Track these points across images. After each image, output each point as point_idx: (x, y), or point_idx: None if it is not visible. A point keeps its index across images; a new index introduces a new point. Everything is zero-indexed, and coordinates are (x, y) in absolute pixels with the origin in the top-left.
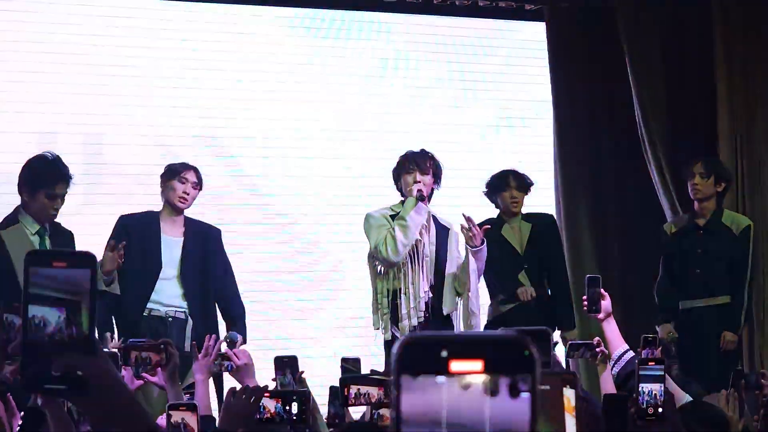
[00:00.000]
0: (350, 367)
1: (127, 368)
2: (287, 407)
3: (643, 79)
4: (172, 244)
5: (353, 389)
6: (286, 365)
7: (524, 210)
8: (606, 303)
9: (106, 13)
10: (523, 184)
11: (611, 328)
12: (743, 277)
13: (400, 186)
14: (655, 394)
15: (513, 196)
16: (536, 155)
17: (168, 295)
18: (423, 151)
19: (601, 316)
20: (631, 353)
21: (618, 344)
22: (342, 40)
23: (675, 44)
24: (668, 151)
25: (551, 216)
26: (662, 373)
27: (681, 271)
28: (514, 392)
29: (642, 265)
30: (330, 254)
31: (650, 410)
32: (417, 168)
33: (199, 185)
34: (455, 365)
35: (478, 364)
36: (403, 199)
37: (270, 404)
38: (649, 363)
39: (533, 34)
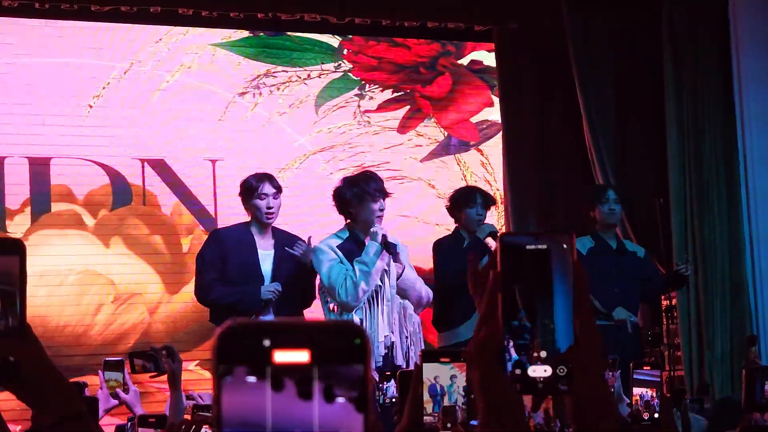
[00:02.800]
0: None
1: (101, 389)
2: None
3: (592, 98)
4: (264, 257)
5: None
6: None
7: None
8: None
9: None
10: (489, 201)
11: None
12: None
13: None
14: (650, 398)
15: (479, 213)
16: (486, 177)
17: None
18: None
19: None
20: None
21: None
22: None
23: (624, 64)
24: (618, 170)
25: None
26: (658, 378)
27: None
28: (330, 398)
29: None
30: None
31: (645, 415)
32: (382, 196)
33: (278, 191)
34: (279, 356)
35: (304, 354)
36: (347, 222)
37: None
38: (644, 367)
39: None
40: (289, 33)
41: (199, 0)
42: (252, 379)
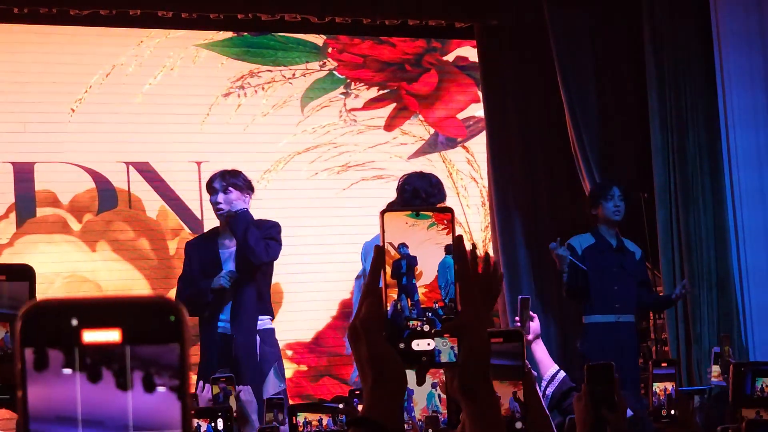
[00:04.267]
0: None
1: None
2: (213, 424)
3: (575, 94)
4: (226, 255)
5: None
6: (223, 384)
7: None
8: (535, 325)
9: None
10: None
11: (540, 349)
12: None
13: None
14: (668, 394)
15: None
16: (472, 174)
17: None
18: None
19: (530, 337)
20: (563, 373)
21: (548, 365)
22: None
23: (607, 60)
24: (602, 165)
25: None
26: (674, 372)
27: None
28: (148, 386)
29: None
30: None
31: (663, 412)
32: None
33: (229, 186)
34: (89, 335)
35: (115, 334)
36: None
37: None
38: (662, 364)
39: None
40: (272, 33)
41: (178, 2)
42: (67, 370)
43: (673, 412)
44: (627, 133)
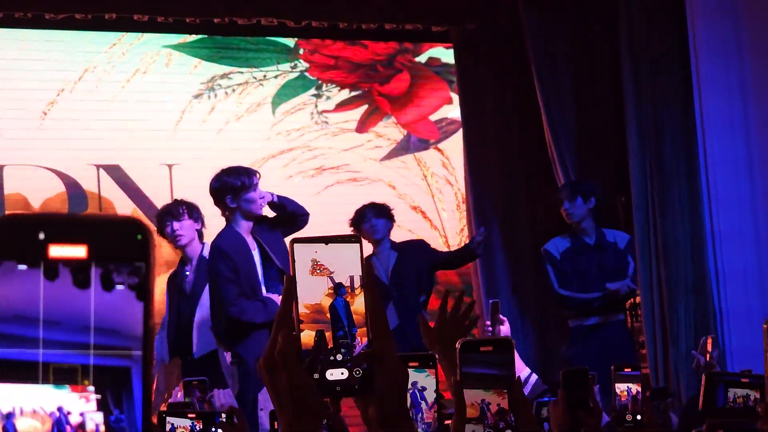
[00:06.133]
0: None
1: None
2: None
3: (552, 99)
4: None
5: None
6: (195, 388)
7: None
8: (505, 328)
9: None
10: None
11: None
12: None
13: None
14: (634, 396)
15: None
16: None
17: None
18: None
19: None
20: (535, 376)
21: (521, 368)
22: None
23: (584, 64)
24: (579, 168)
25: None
26: (639, 374)
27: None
28: (107, 285)
29: None
30: None
31: (628, 417)
32: None
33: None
34: (55, 250)
35: (81, 249)
36: None
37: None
38: (625, 369)
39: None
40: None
41: (154, 6)
42: (22, 266)
43: (638, 417)
44: (604, 137)
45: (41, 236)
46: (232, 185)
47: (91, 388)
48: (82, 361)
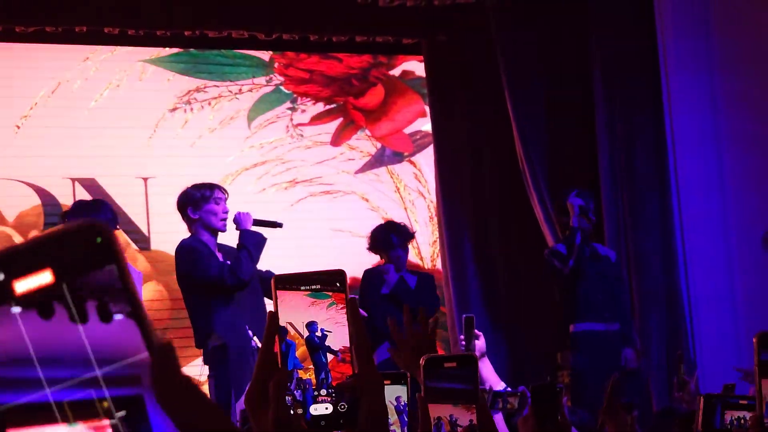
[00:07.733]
0: None
1: None
2: None
3: (523, 111)
4: None
5: None
6: None
7: None
8: (480, 343)
9: None
10: (407, 239)
11: (486, 368)
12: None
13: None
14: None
15: (398, 256)
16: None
17: None
18: None
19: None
20: (509, 390)
21: (495, 382)
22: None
23: (555, 76)
24: (550, 182)
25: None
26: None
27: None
28: (104, 316)
29: (528, 299)
30: None
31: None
32: None
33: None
34: (21, 285)
35: (46, 275)
36: None
37: None
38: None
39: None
40: (220, 49)
41: (125, 19)
42: (15, 309)
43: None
44: (576, 149)
45: (1, 277)
46: (193, 196)
47: (106, 421)
48: (89, 395)
